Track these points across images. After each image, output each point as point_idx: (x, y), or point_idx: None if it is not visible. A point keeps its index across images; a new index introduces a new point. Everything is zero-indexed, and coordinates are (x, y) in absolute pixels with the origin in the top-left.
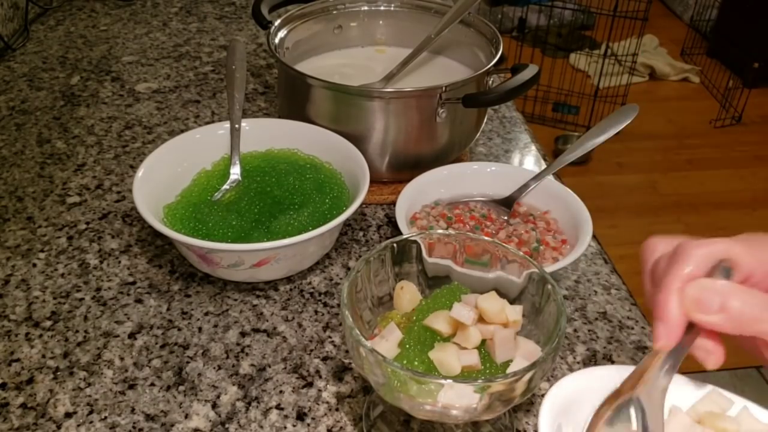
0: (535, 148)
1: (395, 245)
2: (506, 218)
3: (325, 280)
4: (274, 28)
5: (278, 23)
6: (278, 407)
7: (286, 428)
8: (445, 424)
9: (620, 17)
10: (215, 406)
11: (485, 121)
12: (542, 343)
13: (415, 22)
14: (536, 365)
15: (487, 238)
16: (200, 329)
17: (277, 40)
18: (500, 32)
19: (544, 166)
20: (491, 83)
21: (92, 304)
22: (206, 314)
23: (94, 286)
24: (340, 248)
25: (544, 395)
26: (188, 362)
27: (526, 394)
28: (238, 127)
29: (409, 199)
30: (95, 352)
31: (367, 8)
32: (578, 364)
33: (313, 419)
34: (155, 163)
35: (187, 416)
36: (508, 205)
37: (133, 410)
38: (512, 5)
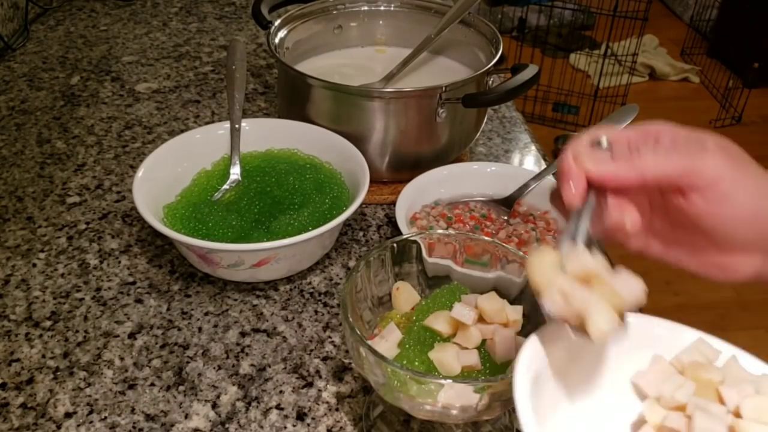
0: (535, 148)
1: (395, 245)
2: (506, 218)
3: (325, 280)
4: (274, 28)
5: (278, 23)
6: (278, 407)
7: (286, 428)
8: (445, 424)
9: (620, 17)
10: (215, 406)
11: (485, 121)
12: None
13: (415, 22)
14: None
15: (487, 238)
16: (200, 329)
17: (277, 40)
18: (500, 32)
19: (544, 166)
20: (491, 83)
21: (92, 304)
22: (206, 314)
23: (94, 286)
24: (340, 248)
25: None
26: (188, 362)
27: None
28: (238, 127)
29: (409, 199)
30: (95, 352)
31: (367, 8)
32: None
33: (313, 419)
34: (155, 163)
35: (187, 416)
36: (508, 205)
37: (133, 410)
38: (512, 5)
